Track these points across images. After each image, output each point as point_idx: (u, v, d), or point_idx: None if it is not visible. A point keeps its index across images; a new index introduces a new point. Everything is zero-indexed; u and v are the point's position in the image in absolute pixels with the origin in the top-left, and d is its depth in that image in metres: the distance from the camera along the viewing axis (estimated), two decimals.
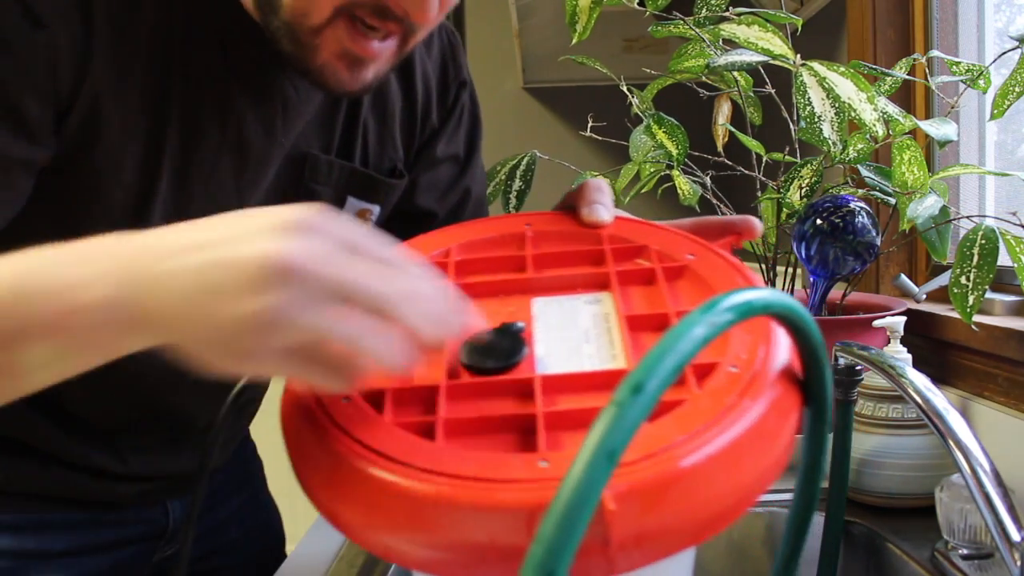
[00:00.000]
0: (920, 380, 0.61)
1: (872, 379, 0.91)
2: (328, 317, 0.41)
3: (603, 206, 0.61)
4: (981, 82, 1.03)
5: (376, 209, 0.82)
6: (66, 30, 0.60)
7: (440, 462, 0.41)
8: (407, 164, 0.86)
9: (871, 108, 0.94)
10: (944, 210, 1.05)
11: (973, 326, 0.98)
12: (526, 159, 1.19)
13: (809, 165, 1.06)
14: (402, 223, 0.85)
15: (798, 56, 0.98)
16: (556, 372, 0.48)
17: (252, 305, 0.40)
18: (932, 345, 1.14)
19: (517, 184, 1.17)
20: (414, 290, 0.44)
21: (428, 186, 0.87)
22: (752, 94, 1.18)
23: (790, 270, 1.16)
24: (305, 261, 0.41)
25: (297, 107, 0.73)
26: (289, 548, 0.98)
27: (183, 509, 0.89)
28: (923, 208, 0.97)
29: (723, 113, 1.25)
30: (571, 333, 0.52)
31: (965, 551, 0.77)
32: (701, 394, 0.43)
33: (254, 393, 0.95)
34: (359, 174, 0.80)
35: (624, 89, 1.20)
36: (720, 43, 1.06)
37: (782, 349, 0.46)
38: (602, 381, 0.47)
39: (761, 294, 0.38)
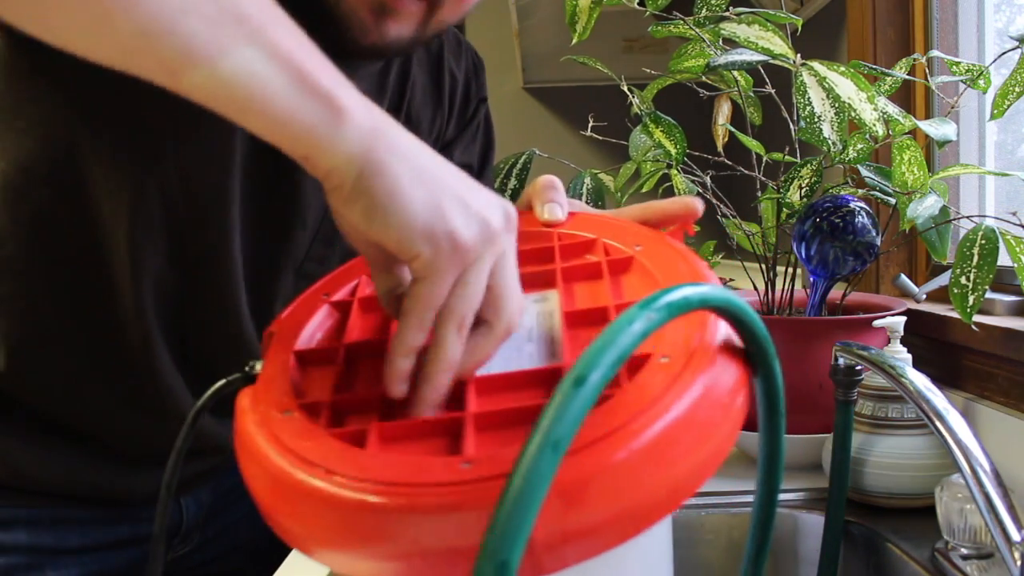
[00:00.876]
0: (920, 380, 0.61)
1: (872, 379, 0.91)
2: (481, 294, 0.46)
3: (558, 204, 0.61)
4: (981, 82, 1.03)
5: None
6: None
7: (366, 469, 0.41)
8: None
9: (871, 108, 0.94)
10: (944, 210, 1.05)
11: (973, 326, 0.98)
12: (523, 158, 1.19)
13: (809, 165, 1.06)
14: None
15: (798, 56, 0.98)
16: (491, 372, 0.48)
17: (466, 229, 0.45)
18: (932, 345, 1.14)
19: (512, 183, 1.17)
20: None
21: None
22: (752, 94, 1.18)
23: (790, 270, 1.15)
24: (499, 250, 0.47)
25: None
26: None
27: (197, 507, 0.90)
28: (923, 208, 0.97)
29: (723, 113, 1.25)
30: (514, 332, 0.52)
31: (965, 551, 0.77)
32: (629, 387, 0.42)
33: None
34: None
35: (624, 89, 1.20)
36: (720, 43, 1.06)
37: (718, 336, 0.45)
38: (537, 378, 0.47)
39: (698, 289, 0.39)
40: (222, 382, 0.52)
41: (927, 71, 1.16)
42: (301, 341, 0.53)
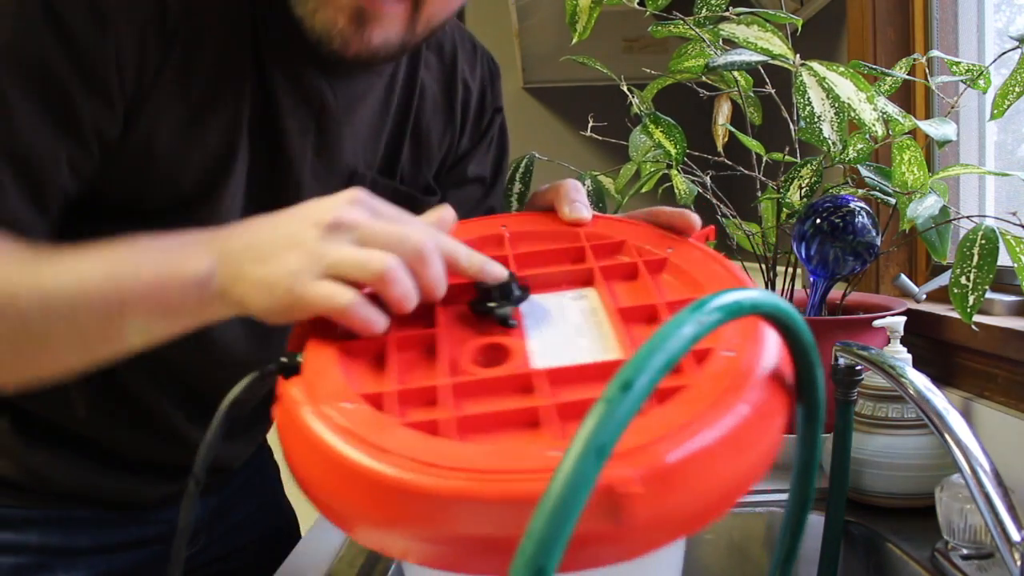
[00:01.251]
0: (920, 380, 0.61)
1: (872, 379, 0.91)
2: (359, 250, 0.51)
3: (584, 204, 0.63)
4: (981, 82, 1.03)
5: None
6: (131, 29, 0.62)
7: (451, 458, 0.40)
8: (436, 180, 0.87)
9: (871, 108, 0.94)
10: (944, 210, 1.05)
11: (973, 326, 0.98)
12: (524, 161, 1.19)
13: (809, 165, 1.06)
14: None
15: (798, 56, 0.98)
16: (554, 365, 0.48)
17: (308, 245, 0.52)
18: (932, 345, 1.14)
19: (517, 187, 1.17)
20: (434, 244, 0.53)
21: (454, 204, 0.88)
22: (752, 94, 1.18)
23: (790, 270, 1.15)
24: (350, 218, 0.52)
25: (335, 114, 0.73)
26: None
27: (204, 510, 0.90)
28: (923, 208, 0.97)
29: (723, 113, 1.25)
30: (563, 329, 0.53)
31: (965, 551, 0.77)
32: (702, 378, 0.44)
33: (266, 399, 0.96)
34: (401, 193, 0.82)
35: (624, 89, 1.20)
36: (720, 43, 1.06)
37: (772, 336, 0.47)
38: (602, 372, 0.47)
39: (750, 294, 0.38)
40: (256, 373, 0.51)
41: (927, 71, 1.16)
42: (339, 333, 0.52)
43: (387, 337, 0.52)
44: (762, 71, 1.13)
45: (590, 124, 1.26)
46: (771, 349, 0.46)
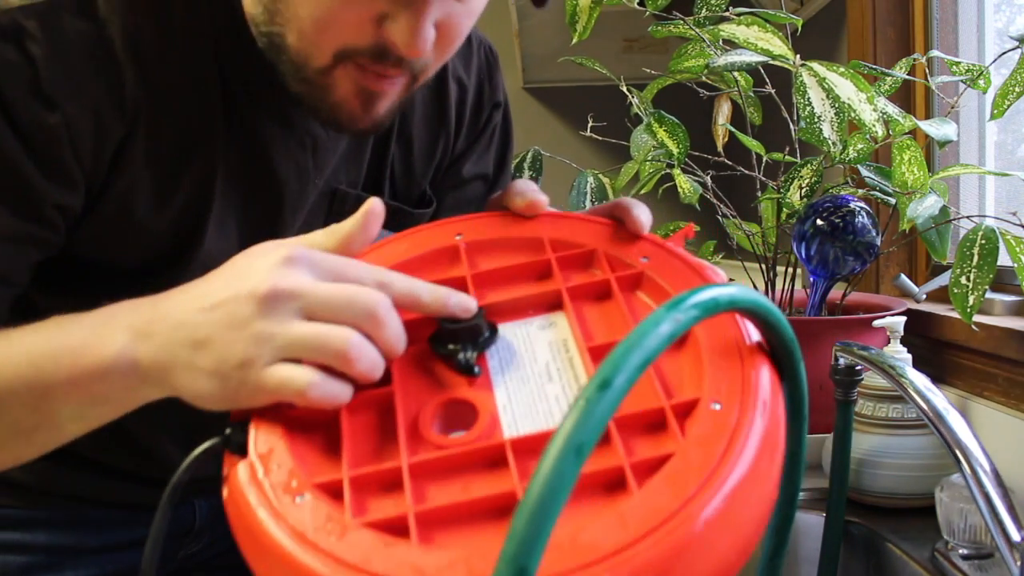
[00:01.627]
0: (920, 380, 0.61)
1: (872, 379, 0.91)
2: (312, 327, 0.48)
3: (536, 191, 0.60)
4: (981, 82, 1.03)
5: None
6: (83, 108, 0.60)
7: (422, 571, 0.37)
8: (432, 184, 0.85)
9: (871, 108, 0.94)
10: (944, 210, 1.05)
11: (973, 326, 0.98)
12: (529, 154, 1.19)
13: (809, 165, 1.06)
14: None
15: (797, 56, 0.98)
16: (525, 433, 0.45)
17: (251, 325, 0.48)
18: (932, 345, 1.14)
19: (527, 175, 1.17)
20: (386, 299, 0.49)
21: (454, 205, 0.86)
22: (752, 94, 1.18)
23: (790, 270, 1.15)
24: (290, 286, 0.48)
25: (327, 145, 0.72)
26: None
27: (209, 508, 0.90)
28: (923, 208, 0.97)
29: (723, 113, 1.25)
30: (530, 371, 0.49)
31: (965, 551, 0.77)
32: (688, 444, 0.40)
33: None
34: (389, 208, 0.79)
35: (624, 89, 1.20)
36: (720, 43, 1.06)
37: (762, 372, 0.44)
38: None
39: (727, 290, 0.38)
40: (199, 450, 0.48)
41: (927, 71, 1.16)
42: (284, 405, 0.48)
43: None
44: (762, 71, 1.13)
45: (590, 124, 1.26)
46: (762, 394, 0.43)
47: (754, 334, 0.46)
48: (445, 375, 0.49)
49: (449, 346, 0.49)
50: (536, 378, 0.48)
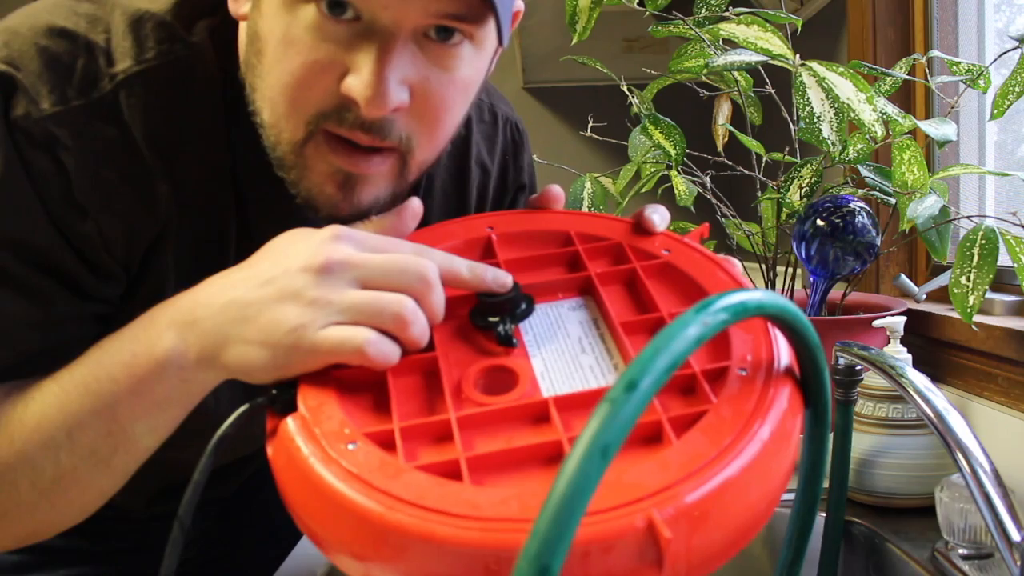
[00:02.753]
0: (920, 380, 0.61)
1: (872, 379, 0.91)
2: (368, 293, 0.49)
3: (554, 187, 0.62)
4: (981, 82, 1.03)
5: None
6: (115, 217, 0.60)
7: (478, 507, 0.39)
8: None
9: (870, 109, 0.94)
10: (944, 210, 1.05)
11: (973, 326, 0.98)
12: None
13: (809, 165, 1.06)
14: None
15: (798, 56, 0.98)
16: (565, 392, 0.47)
17: (306, 294, 0.49)
18: (932, 345, 1.14)
19: None
20: (434, 267, 0.51)
21: None
22: (752, 94, 1.18)
23: (790, 270, 1.15)
24: (343, 256, 0.50)
25: None
26: None
27: (203, 518, 0.90)
28: (923, 208, 0.97)
29: (723, 113, 1.25)
30: (564, 344, 0.51)
31: (965, 551, 0.77)
32: (720, 403, 0.43)
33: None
34: None
35: (624, 89, 1.20)
36: (720, 43, 1.06)
37: (782, 345, 0.47)
38: None
39: (755, 295, 0.38)
40: (246, 407, 0.48)
41: (927, 71, 1.16)
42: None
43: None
44: (762, 71, 1.13)
45: (590, 124, 1.26)
46: (784, 361, 0.46)
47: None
48: (484, 345, 0.51)
49: (488, 318, 0.52)
50: (570, 350, 0.50)
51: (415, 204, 0.56)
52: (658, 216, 0.59)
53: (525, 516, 0.38)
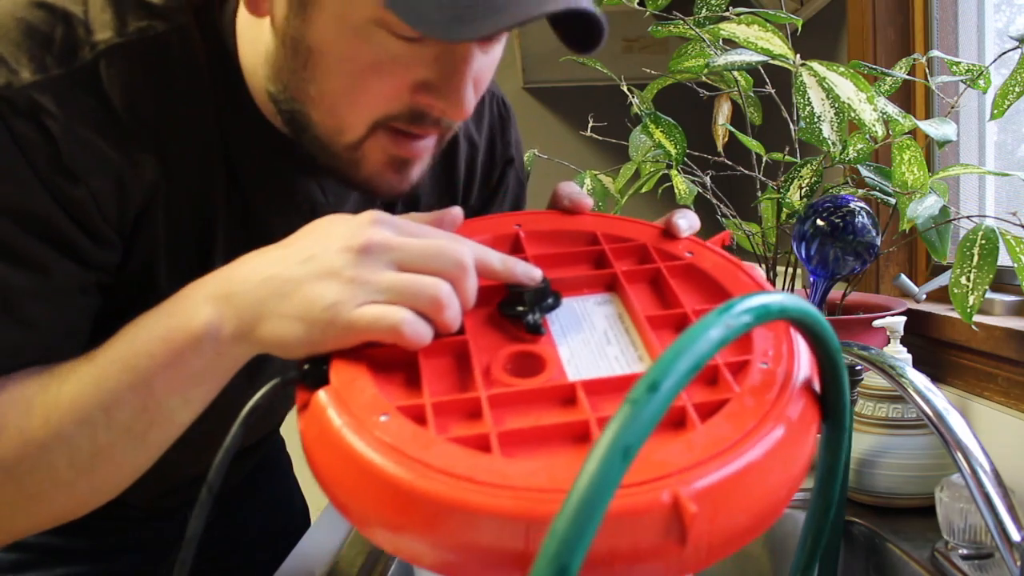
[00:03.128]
0: (920, 380, 0.61)
1: (872, 379, 0.91)
2: (406, 275, 0.50)
3: (581, 194, 0.64)
4: (981, 82, 1.03)
5: None
6: (105, 181, 0.61)
7: (508, 476, 0.39)
8: None
9: (871, 108, 0.94)
10: (944, 210, 1.05)
11: (973, 326, 0.98)
12: (525, 158, 1.19)
13: (809, 165, 1.06)
14: None
15: (798, 56, 0.98)
16: (592, 377, 0.48)
17: (345, 272, 0.50)
18: (932, 345, 1.14)
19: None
20: (465, 258, 0.52)
21: None
22: (752, 94, 1.18)
23: (790, 270, 1.15)
24: (383, 239, 0.51)
25: (326, 210, 0.71)
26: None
27: (211, 509, 0.90)
28: (923, 208, 0.97)
29: (723, 113, 1.25)
30: (591, 336, 0.52)
31: (965, 551, 0.77)
32: (743, 392, 0.44)
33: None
34: None
35: (624, 89, 1.20)
36: (720, 43, 1.06)
37: (802, 343, 0.48)
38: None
39: (777, 298, 0.38)
40: (277, 380, 0.50)
41: (927, 71, 1.16)
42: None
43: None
44: (762, 71, 1.13)
45: (590, 124, 1.26)
46: (803, 358, 0.47)
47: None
48: (513, 333, 0.53)
49: (517, 308, 0.53)
50: (596, 340, 0.52)
51: (455, 212, 0.58)
52: (685, 221, 0.60)
53: (554, 487, 0.38)
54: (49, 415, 0.56)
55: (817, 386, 0.47)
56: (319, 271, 0.51)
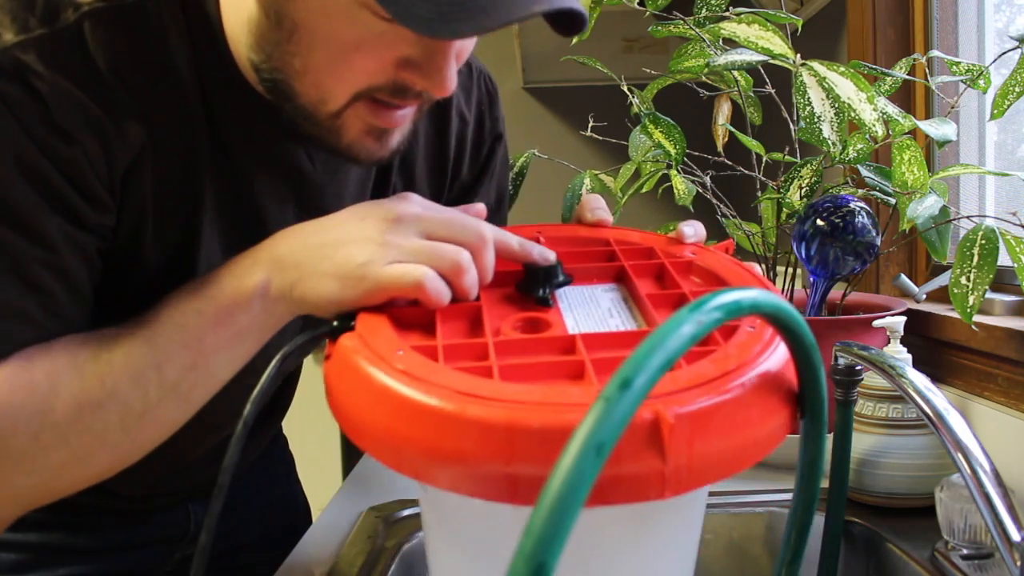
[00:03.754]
0: (920, 380, 0.61)
1: (872, 379, 0.91)
2: (432, 242, 0.57)
3: (604, 209, 0.68)
4: (981, 82, 1.03)
5: None
6: (94, 140, 0.61)
7: (506, 393, 0.43)
8: None
9: (871, 108, 0.94)
10: (944, 210, 1.05)
11: (973, 326, 0.98)
12: (520, 161, 1.19)
13: (809, 165, 1.06)
14: None
15: (798, 56, 0.98)
16: (592, 331, 0.52)
17: (378, 238, 0.57)
18: (932, 345, 1.14)
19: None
20: (485, 231, 0.58)
21: None
22: (752, 94, 1.18)
23: (790, 270, 1.16)
24: (413, 212, 0.58)
25: (314, 178, 0.72)
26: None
27: (204, 512, 0.90)
28: (923, 208, 0.97)
29: (723, 113, 1.25)
30: (595, 310, 0.57)
31: (965, 551, 0.77)
32: (729, 345, 0.48)
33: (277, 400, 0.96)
34: None
35: (624, 89, 1.20)
36: (720, 43, 1.06)
37: None
38: (637, 339, 0.50)
39: (750, 294, 0.38)
40: (309, 333, 0.54)
41: (927, 71, 1.16)
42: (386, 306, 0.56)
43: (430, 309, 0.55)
44: (762, 71, 1.13)
45: (590, 124, 1.26)
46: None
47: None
48: (523, 305, 0.58)
49: (530, 283, 0.59)
50: (600, 315, 0.56)
51: (479, 206, 0.63)
52: (691, 229, 0.65)
53: (547, 401, 0.42)
54: (103, 376, 0.59)
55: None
56: (356, 236, 0.57)
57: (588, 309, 0.57)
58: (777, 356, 0.47)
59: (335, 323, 0.54)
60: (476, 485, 0.42)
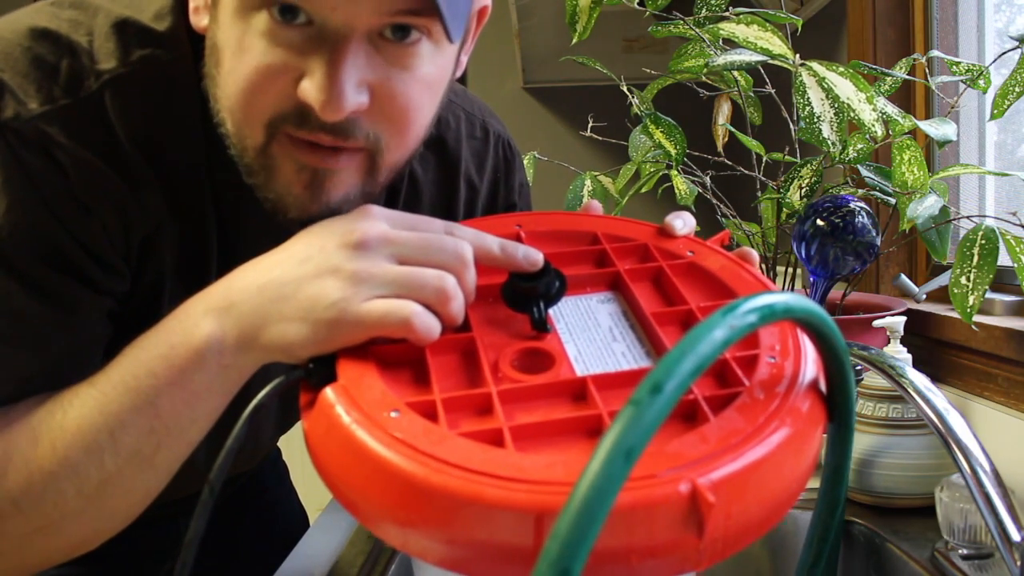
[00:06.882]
0: (920, 380, 0.61)
1: (872, 379, 0.91)
2: (409, 268, 0.50)
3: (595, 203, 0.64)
4: (981, 82, 1.02)
5: None
6: (113, 212, 0.60)
7: (525, 470, 0.39)
8: None
9: (870, 108, 0.94)
10: (944, 210, 1.05)
11: (973, 326, 0.98)
12: (525, 159, 1.19)
13: (809, 165, 1.06)
14: None
15: (798, 56, 0.98)
16: (602, 372, 0.48)
17: (346, 268, 0.49)
18: (932, 345, 1.14)
19: None
20: (465, 251, 0.52)
21: None
22: (752, 94, 1.18)
23: (790, 270, 1.15)
24: (380, 233, 0.51)
25: None
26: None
27: (202, 518, 0.90)
28: (923, 208, 0.97)
29: (723, 113, 1.25)
30: (596, 334, 0.52)
31: (965, 551, 0.77)
32: (753, 386, 0.45)
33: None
34: None
35: (624, 89, 1.20)
36: (720, 43, 1.06)
37: (806, 340, 0.48)
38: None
39: (782, 298, 0.38)
40: (282, 378, 0.49)
41: (927, 71, 1.16)
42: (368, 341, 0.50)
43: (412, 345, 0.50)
44: (762, 71, 1.13)
45: (590, 124, 1.26)
46: (810, 355, 0.47)
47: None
48: (518, 329, 0.52)
49: (520, 301, 0.53)
50: (602, 338, 0.52)
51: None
52: (680, 221, 0.60)
53: (572, 480, 0.38)
54: (55, 443, 0.55)
55: (823, 384, 0.46)
56: (318, 270, 0.50)
57: (589, 332, 0.52)
58: (805, 389, 0.45)
59: (310, 365, 0.49)
60: (500, 569, 0.39)
